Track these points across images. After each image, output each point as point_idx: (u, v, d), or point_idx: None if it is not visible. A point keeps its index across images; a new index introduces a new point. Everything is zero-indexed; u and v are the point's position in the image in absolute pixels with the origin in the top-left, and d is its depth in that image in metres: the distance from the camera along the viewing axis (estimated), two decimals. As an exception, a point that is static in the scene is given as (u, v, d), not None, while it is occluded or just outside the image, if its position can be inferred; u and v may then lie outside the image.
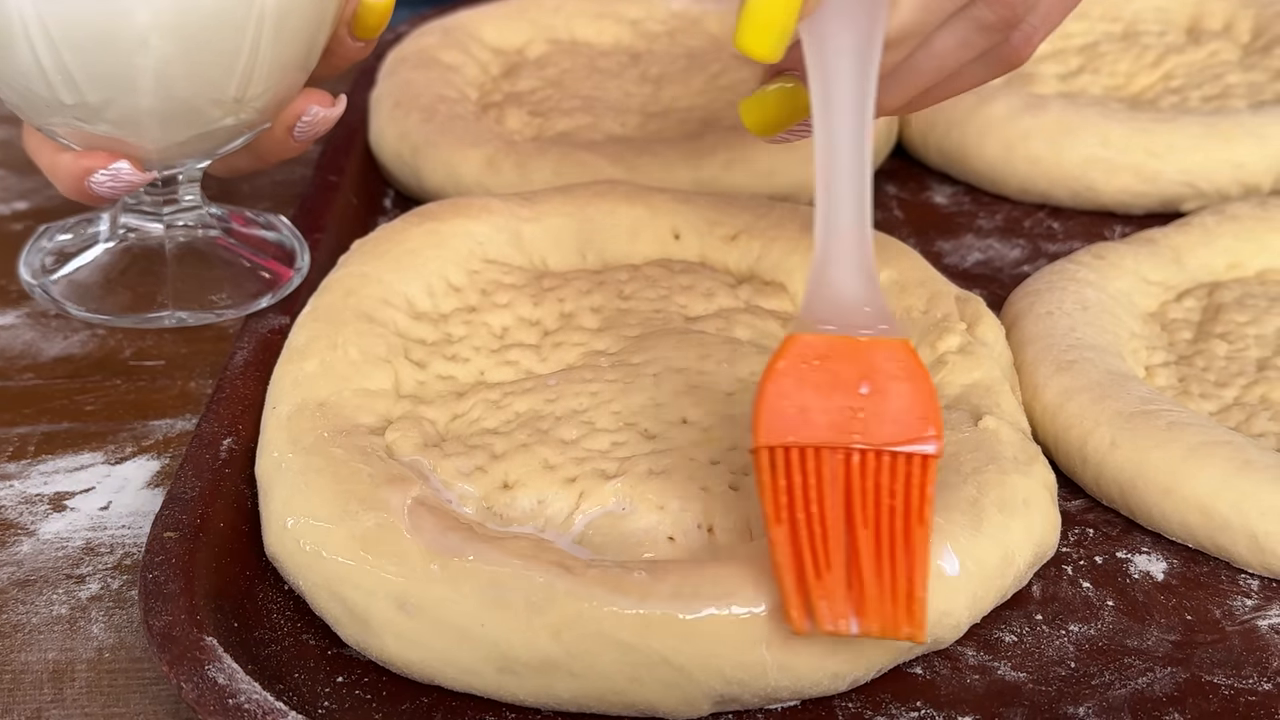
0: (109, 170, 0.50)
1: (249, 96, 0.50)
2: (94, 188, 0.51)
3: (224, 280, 0.55)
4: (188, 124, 0.50)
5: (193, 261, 0.56)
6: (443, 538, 0.41)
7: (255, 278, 0.56)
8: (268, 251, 0.57)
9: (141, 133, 0.50)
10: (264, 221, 0.58)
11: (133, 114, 0.49)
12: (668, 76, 0.73)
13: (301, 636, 0.42)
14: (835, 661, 0.39)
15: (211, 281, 0.55)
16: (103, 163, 0.50)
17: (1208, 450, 0.45)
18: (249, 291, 0.55)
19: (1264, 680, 0.41)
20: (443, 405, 0.47)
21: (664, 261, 0.56)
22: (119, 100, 0.48)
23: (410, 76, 0.70)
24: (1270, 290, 0.56)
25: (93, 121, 0.49)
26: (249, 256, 0.56)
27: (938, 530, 0.41)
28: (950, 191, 0.69)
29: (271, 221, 0.58)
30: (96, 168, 0.50)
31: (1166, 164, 0.64)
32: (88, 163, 0.50)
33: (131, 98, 0.48)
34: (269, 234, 0.58)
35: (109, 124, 0.49)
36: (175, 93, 0.48)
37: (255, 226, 0.58)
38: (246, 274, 0.56)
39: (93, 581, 0.45)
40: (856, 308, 0.40)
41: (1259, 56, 0.74)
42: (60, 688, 0.42)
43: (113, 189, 0.51)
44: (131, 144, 0.50)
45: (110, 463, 0.51)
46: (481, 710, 0.40)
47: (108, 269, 0.56)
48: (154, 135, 0.50)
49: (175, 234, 0.56)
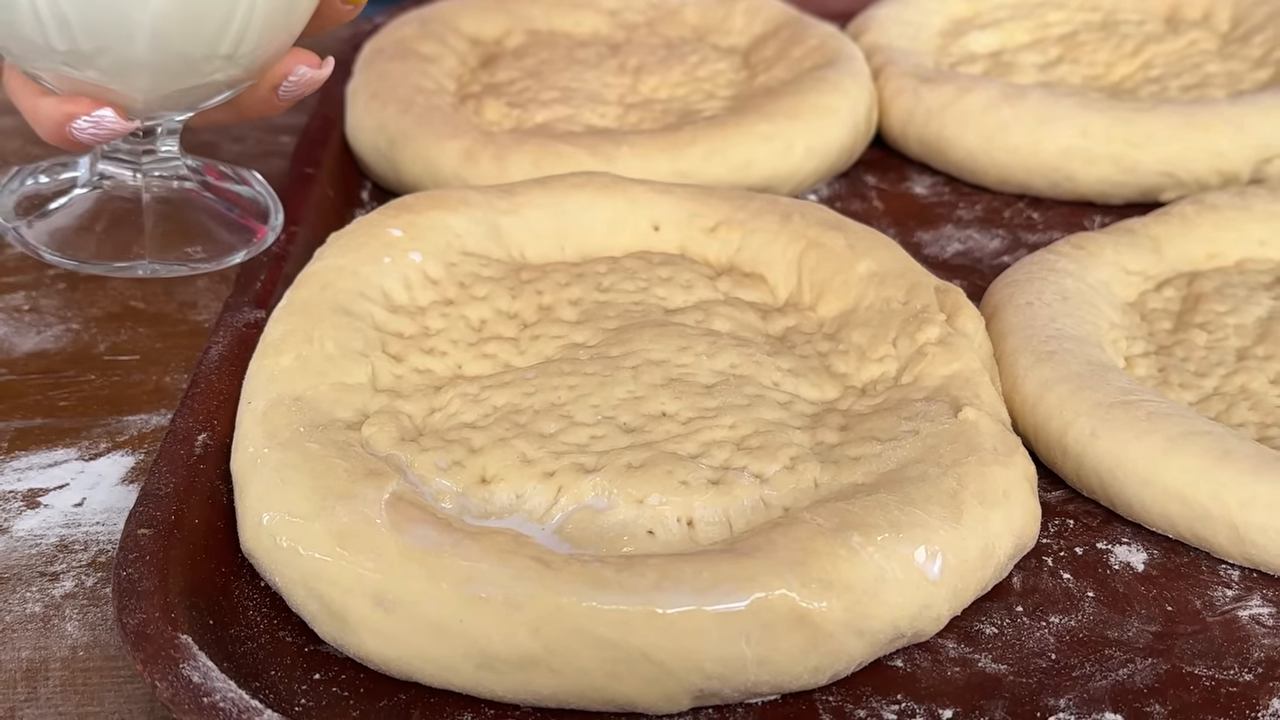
0: (92, 117, 0.50)
1: (240, 53, 0.50)
2: (75, 134, 0.50)
3: (199, 233, 0.56)
4: (177, 76, 0.50)
5: (168, 213, 0.56)
6: (420, 533, 0.40)
7: (230, 232, 0.56)
8: (242, 207, 0.57)
9: (130, 82, 0.50)
10: (238, 177, 0.59)
11: (124, 64, 0.49)
12: (646, 67, 0.73)
13: (278, 634, 0.42)
14: (816, 655, 0.39)
15: (187, 234, 0.56)
16: (86, 109, 0.50)
17: (1187, 440, 0.45)
18: (224, 246, 0.56)
19: (1245, 671, 0.41)
20: (420, 399, 0.47)
21: (643, 254, 0.55)
22: (112, 49, 0.48)
23: (387, 68, 0.69)
24: (1249, 280, 0.56)
25: (82, 68, 0.49)
26: (224, 211, 0.57)
27: (917, 528, 0.41)
28: (930, 182, 0.68)
29: (245, 177, 0.59)
30: (80, 114, 0.50)
31: (1145, 154, 0.64)
32: (71, 108, 0.50)
33: (126, 48, 0.48)
34: (243, 189, 0.58)
35: (99, 72, 0.49)
36: (169, 45, 0.48)
37: (230, 181, 0.58)
38: (222, 228, 0.56)
39: (67, 579, 0.45)
40: None
41: (1238, 46, 0.74)
42: (34, 686, 0.41)
43: (95, 135, 0.51)
44: (118, 93, 0.50)
45: (84, 459, 0.50)
46: (460, 707, 0.40)
47: (83, 216, 0.56)
48: (142, 85, 0.50)
49: (152, 184, 0.56)
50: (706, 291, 0.53)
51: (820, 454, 0.45)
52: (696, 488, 0.43)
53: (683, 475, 0.43)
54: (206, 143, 0.73)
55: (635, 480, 0.43)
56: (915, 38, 0.75)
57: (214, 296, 0.59)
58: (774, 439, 0.45)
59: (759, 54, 0.74)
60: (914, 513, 0.41)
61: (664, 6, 0.79)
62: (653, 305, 0.52)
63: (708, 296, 0.53)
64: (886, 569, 0.40)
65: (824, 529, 0.41)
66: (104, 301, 0.59)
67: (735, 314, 0.52)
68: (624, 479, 0.43)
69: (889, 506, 0.42)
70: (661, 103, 0.70)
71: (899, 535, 0.41)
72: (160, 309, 0.59)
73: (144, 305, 0.59)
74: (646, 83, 0.72)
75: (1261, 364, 0.51)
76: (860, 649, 0.40)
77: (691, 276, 0.54)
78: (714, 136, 0.64)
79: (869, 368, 0.49)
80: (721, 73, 0.73)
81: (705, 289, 0.53)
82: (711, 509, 0.43)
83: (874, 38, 0.74)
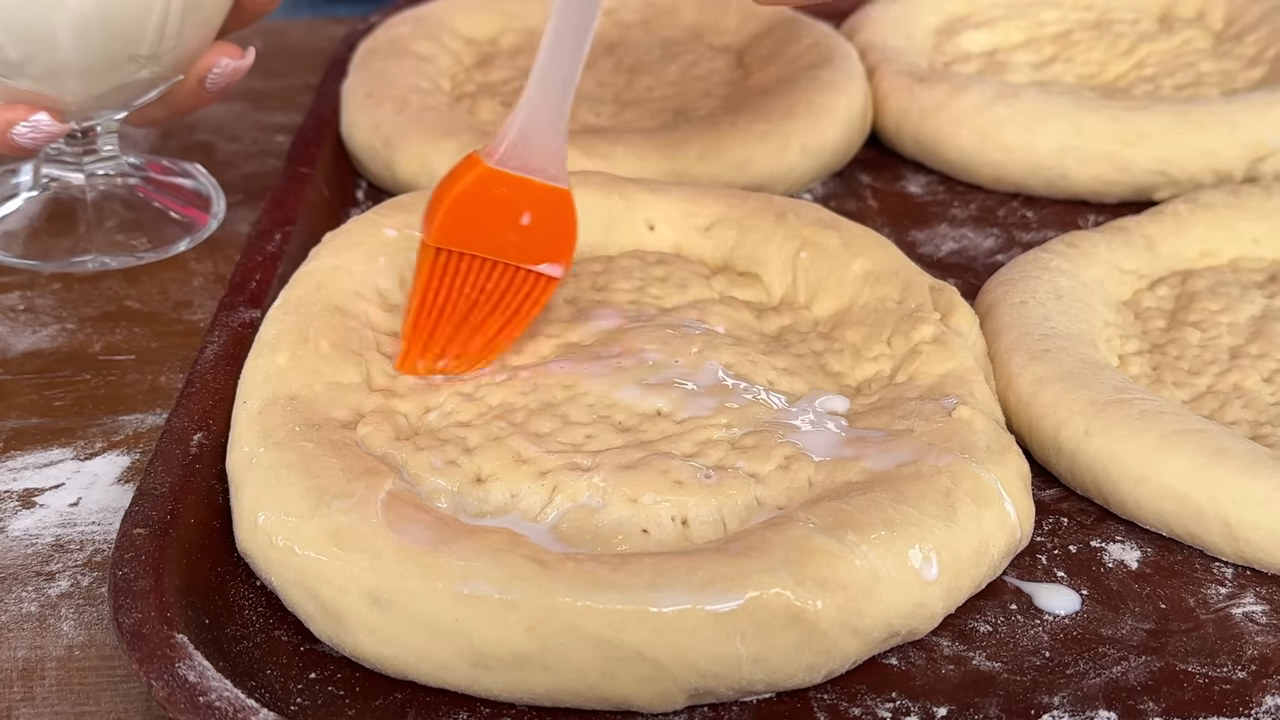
0: (29, 122, 0.53)
1: (162, 51, 0.53)
2: (16, 139, 0.54)
3: (144, 225, 0.60)
4: (105, 77, 0.54)
5: (113, 208, 0.60)
6: (416, 532, 0.40)
7: (174, 223, 0.60)
8: (185, 198, 0.62)
9: (61, 86, 0.53)
10: (180, 170, 0.63)
11: (53, 68, 0.52)
12: (642, 66, 0.73)
13: (273, 633, 0.42)
14: (810, 654, 0.39)
15: (132, 226, 0.60)
16: (23, 115, 0.53)
17: (1181, 439, 0.45)
18: (168, 236, 0.60)
19: (1238, 668, 0.41)
20: (415, 398, 0.47)
21: (638, 253, 0.56)
22: (38, 55, 0.52)
23: (382, 67, 0.69)
24: (1243, 278, 0.56)
25: (14, 77, 0.52)
26: (167, 202, 0.61)
27: (911, 527, 0.41)
28: (924, 181, 0.69)
29: (188, 170, 0.63)
30: (18, 120, 0.53)
31: (1139, 152, 0.64)
32: (9, 115, 0.53)
33: (51, 53, 0.52)
34: (186, 181, 0.63)
35: (30, 79, 0.52)
36: (91, 47, 0.52)
37: (173, 174, 0.62)
38: (165, 219, 0.60)
39: (62, 578, 0.45)
40: (542, 161, 0.48)
41: (1231, 44, 0.74)
42: (30, 686, 0.41)
43: (34, 139, 0.54)
44: (51, 97, 0.54)
45: (80, 458, 0.50)
46: (455, 705, 0.40)
47: (33, 217, 0.60)
48: (73, 89, 0.54)
49: (96, 183, 0.60)
50: (702, 290, 0.53)
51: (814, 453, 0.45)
52: (691, 487, 0.43)
53: (677, 475, 0.43)
54: (202, 143, 0.73)
55: (630, 479, 0.43)
56: (910, 37, 0.75)
57: (209, 296, 0.59)
58: (769, 438, 0.45)
59: (754, 53, 0.74)
60: (908, 511, 0.41)
61: (659, 5, 0.79)
62: (648, 304, 0.52)
63: (703, 295, 0.53)
64: (881, 567, 0.40)
65: (818, 528, 0.41)
66: (99, 301, 0.59)
67: (730, 313, 0.52)
68: (619, 478, 0.43)
69: (883, 505, 0.42)
70: (657, 101, 0.70)
71: (893, 534, 0.41)
72: (155, 308, 0.59)
73: (139, 305, 0.59)
74: (642, 81, 0.72)
75: (1255, 362, 0.51)
76: (855, 647, 0.40)
77: (687, 275, 0.54)
78: (709, 135, 0.64)
79: (864, 366, 0.49)
80: (717, 71, 0.73)
81: (700, 288, 0.53)
82: (706, 508, 0.43)
83: (868, 37, 0.74)
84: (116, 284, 0.60)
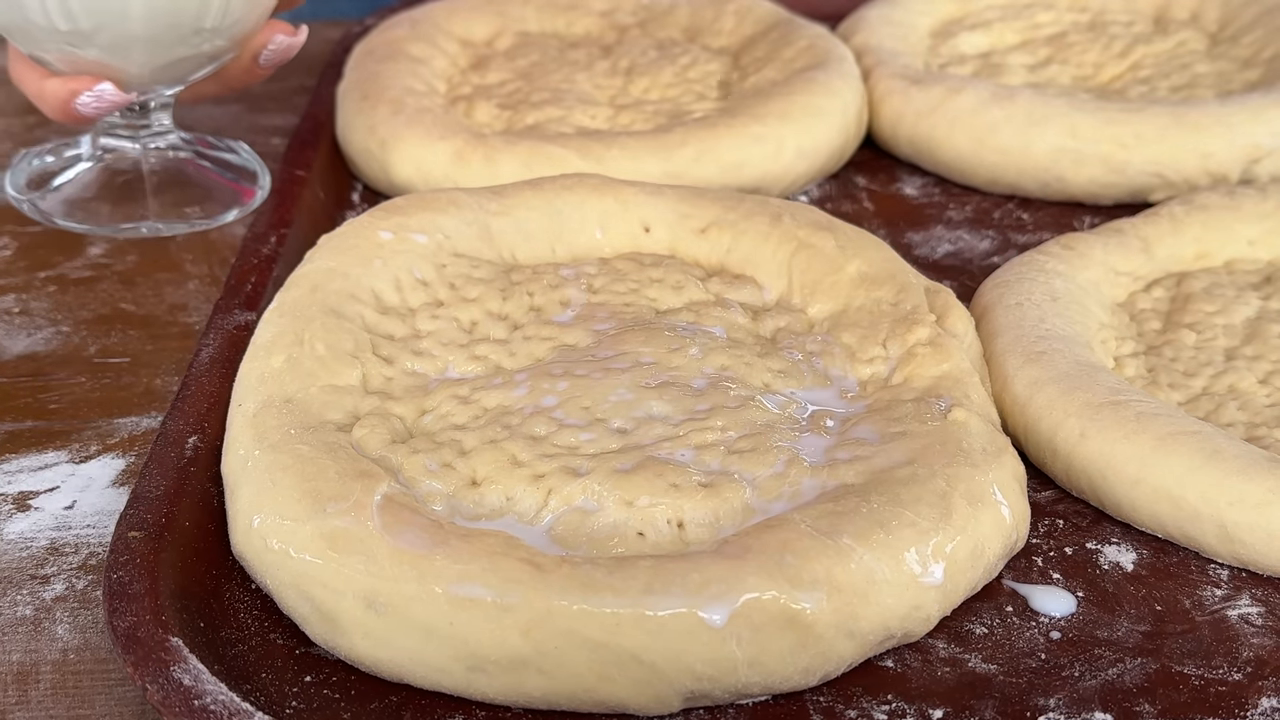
0: (94, 91, 0.56)
1: (224, 25, 0.57)
2: (80, 109, 0.57)
3: (196, 196, 0.63)
4: (169, 50, 0.57)
5: (167, 179, 0.64)
6: (412, 535, 0.40)
7: (223, 194, 0.64)
8: (234, 172, 0.65)
9: (127, 57, 0.56)
10: (227, 146, 0.66)
11: (121, 40, 0.55)
12: (638, 68, 0.73)
13: (269, 636, 0.42)
14: (806, 657, 0.39)
15: (184, 197, 0.63)
16: (88, 85, 0.56)
17: (1176, 440, 0.46)
18: (218, 206, 0.63)
19: (1234, 670, 0.41)
20: (410, 401, 0.47)
21: (634, 255, 0.55)
22: (109, 26, 0.55)
23: (377, 69, 0.69)
24: (1238, 280, 0.56)
25: (84, 47, 0.56)
26: (217, 176, 0.64)
27: (907, 529, 0.41)
28: (920, 183, 0.69)
29: (233, 147, 0.66)
30: (82, 90, 0.56)
31: (1134, 154, 0.64)
32: (74, 85, 0.56)
33: (121, 24, 0.55)
34: (233, 157, 0.66)
35: (98, 49, 0.56)
36: (159, 19, 0.55)
37: (220, 150, 0.66)
38: (216, 191, 0.64)
39: (57, 582, 0.45)
40: None
41: (1226, 46, 0.74)
42: (25, 689, 0.41)
43: (97, 109, 0.57)
44: (116, 68, 0.57)
45: (75, 461, 0.50)
46: (451, 709, 0.40)
47: (89, 186, 0.63)
48: (138, 60, 0.57)
49: (150, 155, 0.63)
50: (697, 293, 0.53)
51: (810, 456, 0.45)
52: (687, 490, 0.43)
53: (673, 478, 0.43)
54: (197, 144, 0.73)
55: (625, 483, 0.43)
56: (905, 39, 0.75)
57: (204, 299, 0.59)
58: (764, 441, 0.45)
59: (749, 55, 0.74)
60: (904, 514, 0.41)
61: (655, 8, 0.79)
62: (643, 306, 0.52)
63: (698, 298, 0.53)
64: (876, 570, 0.40)
65: (814, 530, 0.41)
66: (94, 304, 0.59)
67: (726, 315, 0.52)
68: (614, 481, 0.43)
69: (879, 508, 0.42)
70: (652, 104, 0.70)
71: (889, 536, 0.41)
72: (150, 311, 0.59)
73: (134, 308, 0.59)
74: (637, 84, 0.72)
75: (1250, 364, 0.51)
76: (850, 650, 0.40)
77: (682, 278, 0.54)
78: (705, 138, 0.64)
79: (859, 369, 0.49)
80: (712, 74, 0.73)
81: (696, 290, 0.53)
82: (702, 511, 0.43)
83: (864, 39, 0.74)
84: (111, 287, 0.60)
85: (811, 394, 0.48)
